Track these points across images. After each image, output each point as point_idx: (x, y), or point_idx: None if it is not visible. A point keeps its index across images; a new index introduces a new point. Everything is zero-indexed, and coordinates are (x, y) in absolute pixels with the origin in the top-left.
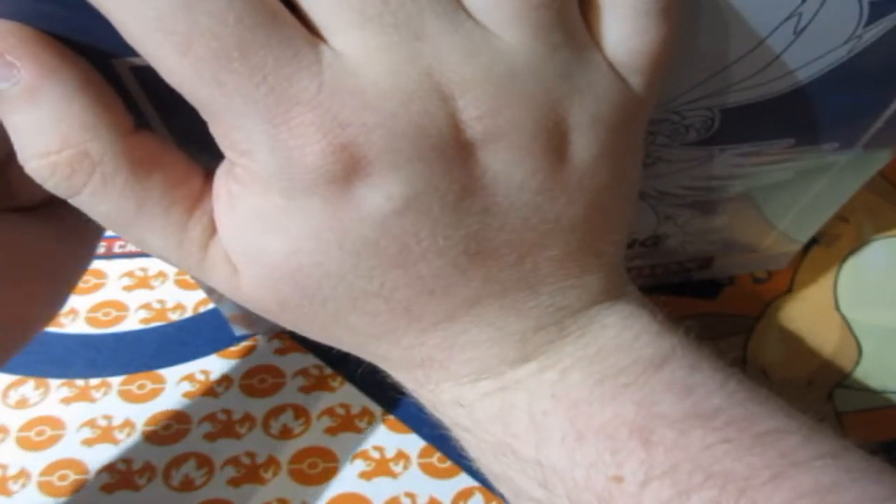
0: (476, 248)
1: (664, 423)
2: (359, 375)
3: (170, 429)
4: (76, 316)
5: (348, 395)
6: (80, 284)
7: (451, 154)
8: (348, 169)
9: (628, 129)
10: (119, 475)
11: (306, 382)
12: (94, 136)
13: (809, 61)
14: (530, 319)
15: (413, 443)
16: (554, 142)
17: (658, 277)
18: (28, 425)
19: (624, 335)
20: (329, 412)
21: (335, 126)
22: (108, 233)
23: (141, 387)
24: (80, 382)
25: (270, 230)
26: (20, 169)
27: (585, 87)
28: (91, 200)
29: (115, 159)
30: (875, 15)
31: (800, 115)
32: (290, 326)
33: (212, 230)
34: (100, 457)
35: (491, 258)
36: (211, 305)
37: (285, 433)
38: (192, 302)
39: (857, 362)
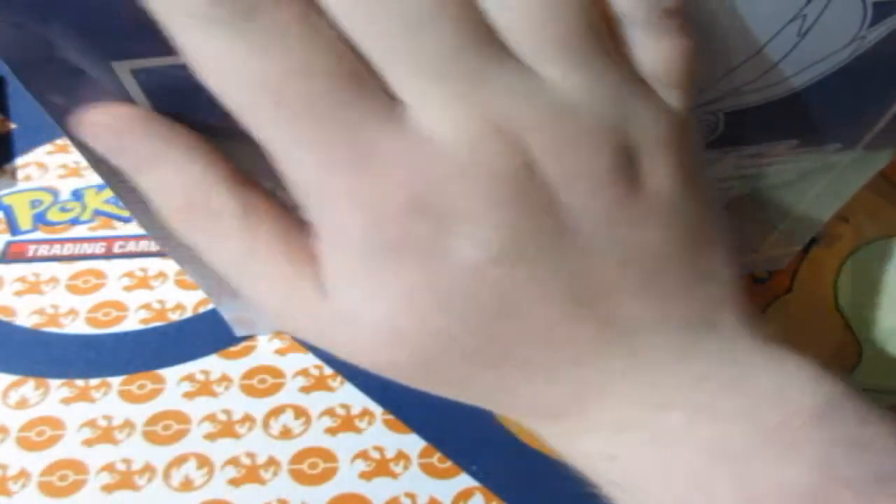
0: (582, 289)
1: (845, 488)
2: (359, 375)
3: (170, 429)
4: (76, 316)
5: (348, 395)
6: (80, 284)
7: (534, 197)
8: (435, 222)
9: (687, 144)
10: (119, 475)
11: (306, 382)
12: (211, 190)
13: (813, 63)
14: (665, 362)
15: (413, 443)
16: (625, 168)
17: None
18: (28, 425)
19: (778, 381)
20: (329, 412)
21: (417, 181)
22: (109, 233)
23: (141, 387)
24: (80, 382)
25: (364, 293)
26: None
27: (640, 110)
28: (210, 248)
29: (231, 210)
30: (879, 16)
31: (804, 117)
32: (410, 384)
33: (321, 291)
34: (100, 457)
35: (601, 299)
36: (211, 305)
37: (285, 433)
38: (192, 302)
39: (858, 362)
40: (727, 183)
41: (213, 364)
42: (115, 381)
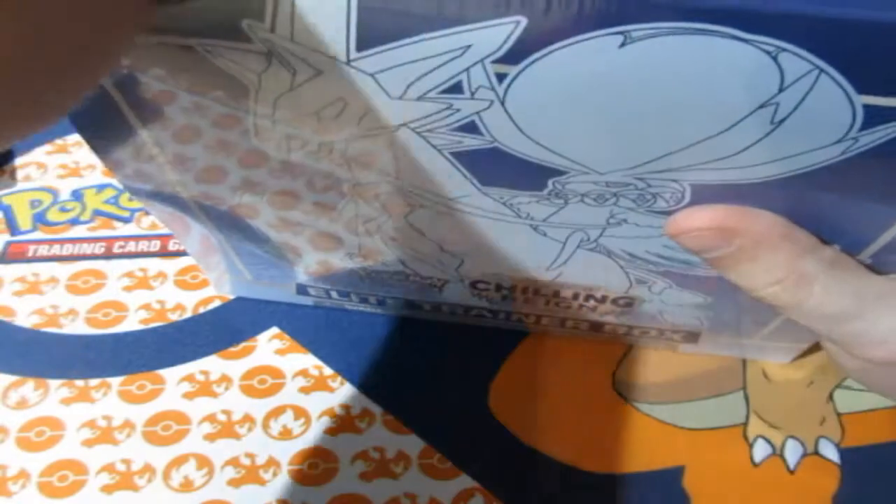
0: None
1: None
2: (358, 375)
3: (170, 429)
4: (76, 316)
5: (348, 395)
6: (80, 285)
7: None
8: None
9: None
10: (119, 475)
11: (306, 383)
12: (802, 258)
13: (793, 154)
14: None
15: (413, 443)
16: None
17: (636, 339)
18: (28, 426)
19: None
20: (329, 412)
21: None
22: (109, 233)
23: (141, 387)
24: (79, 383)
25: None
26: None
27: None
28: (814, 307)
29: (822, 268)
30: (871, 120)
31: (788, 209)
32: None
33: None
34: (100, 457)
35: None
36: (211, 305)
37: (285, 434)
38: (192, 302)
39: None
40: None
41: (212, 364)
42: (115, 381)
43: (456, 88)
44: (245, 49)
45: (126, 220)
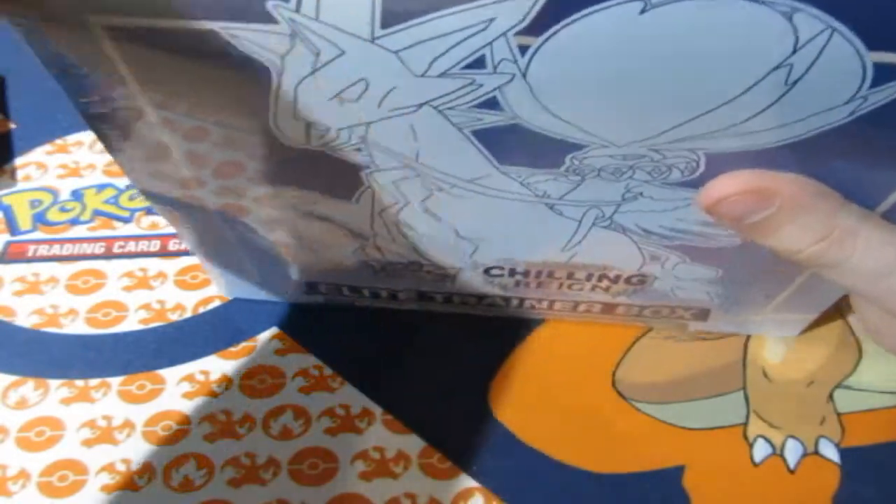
0: None
1: None
2: (358, 375)
3: (170, 429)
4: (76, 316)
5: (348, 395)
6: (80, 285)
7: None
8: None
9: None
10: (119, 475)
11: (306, 383)
12: (839, 213)
13: (805, 116)
14: None
15: (413, 443)
16: None
17: (647, 319)
18: (28, 426)
19: None
20: (329, 412)
21: None
22: (109, 233)
23: (141, 387)
24: (79, 383)
25: None
26: None
27: None
28: (858, 262)
29: (860, 222)
30: (881, 78)
31: (798, 173)
32: None
33: None
34: (100, 457)
35: None
36: (211, 305)
37: (285, 434)
38: (192, 302)
39: (858, 362)
40: (714, 231)
41: (212, 364)
42: (115, 381)
43: (479, 63)
44: (269, 31)
45: (126, 220)
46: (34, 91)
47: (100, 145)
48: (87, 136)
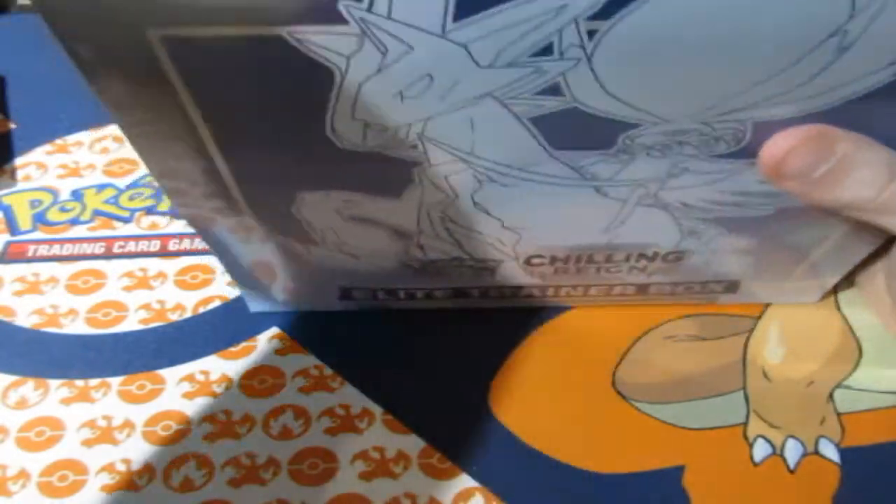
0: None
1: None
2: (359, 375)
3: (170, 429)
4: (76, 316)
5: (348, 395)
6: (80, 285)
7: None
8: None
9: None
10: (119, 475)
11: (306, 383)
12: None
13: (851, 80)
14: None
15: (413, 443)
16: None
17: (679, 297)
18: (28, 426)
19: None
20: (329, 412)
21: None
22: (109, 233)
23: (141, 387)
24: (79, 383)
25: None
26: None
27: None
28: None
29: None
30: None
31: None
32: None
33: None
34: (100, 457)
35: None
36: (211, 305)
37: (285, 434)
38: (192, 302)
39: (858, 362)
40: (753, 199)
41: (212, 364)
42: (115, 381)
43: (546, 50)
44: (339, 32)
45: (126, 220)
46: (34, 91)
47: (100, 145)
48: (87, 136)
